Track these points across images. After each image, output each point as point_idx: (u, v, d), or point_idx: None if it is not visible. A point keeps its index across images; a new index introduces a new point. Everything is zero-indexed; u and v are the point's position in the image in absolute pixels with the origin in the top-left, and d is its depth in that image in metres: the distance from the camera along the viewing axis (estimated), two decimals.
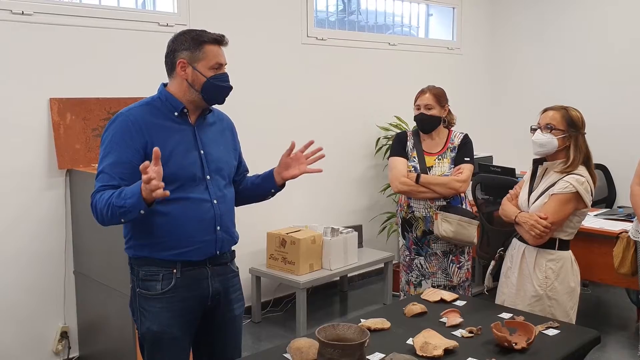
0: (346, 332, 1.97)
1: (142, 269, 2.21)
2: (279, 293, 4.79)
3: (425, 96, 3.36)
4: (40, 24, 3.44)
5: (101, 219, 2.11)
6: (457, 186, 3.30)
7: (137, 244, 2.21)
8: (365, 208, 5.35)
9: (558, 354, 2.18)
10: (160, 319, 2.19)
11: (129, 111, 2.19)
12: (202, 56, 2.18)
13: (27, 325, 3.53)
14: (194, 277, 2.23)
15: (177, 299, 2.20)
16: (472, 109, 6.01)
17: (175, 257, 2.18)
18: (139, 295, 2.22)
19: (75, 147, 3.57)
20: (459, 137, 3.41)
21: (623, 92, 5.47)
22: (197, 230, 2.20)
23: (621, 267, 3.60)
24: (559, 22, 5.91)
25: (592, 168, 2.80)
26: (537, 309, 2.74)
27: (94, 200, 2.11)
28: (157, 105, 2.22)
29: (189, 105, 2.23)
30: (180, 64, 2.18)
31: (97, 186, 2.12)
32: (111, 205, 2.03)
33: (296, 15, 4.71)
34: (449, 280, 3.40)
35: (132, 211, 2.01)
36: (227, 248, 2.33)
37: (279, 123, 4.60)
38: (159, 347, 2.22)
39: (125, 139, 2.13)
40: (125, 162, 2.11)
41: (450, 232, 3.25)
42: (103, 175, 2.12)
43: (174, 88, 2.23)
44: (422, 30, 6.04)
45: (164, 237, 2.17)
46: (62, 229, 3.61)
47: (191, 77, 2.19)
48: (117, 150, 2.12)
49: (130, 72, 3.82)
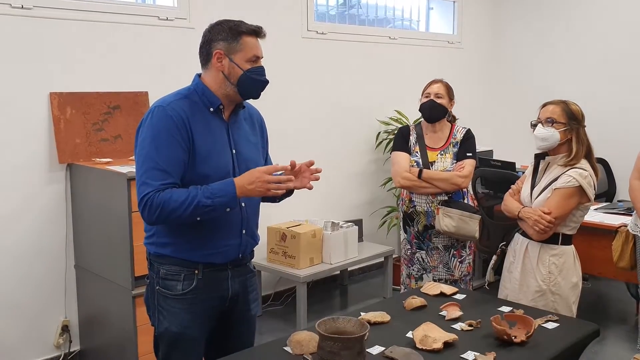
0: (346, 326, 1.97)
1: (162, 267, 2.16)
2: (280, 287, 4.80)
3: (437, 85, 3.38)
4: (40, 18, 3.43)
5: (166, 217, 2.01)
6: (459, 182, 3.30)
7: (160, 241, 2.16)
8: (366, 202, 5.35)
9: (557, 347, 2.18)
10: (180, 320, 2.16)
11: (169, 105, 2.08)
12: (239, 48, 2.09)
13: (28, 319, 3.54)
14: (215, 279, 2.19)
15: (198, 300, 2.16)
16: (472, 103, 6.01)
17: (199, 258, 2.14)
18: (158, 293, 2.18)
19: (76, 142, 3.57)
20: (461, 132, 3.41)
21: (624, 86, 5.46)
22: (224, 234, 2.16)
23: (620, 261, 3.61)
24: (559, 16, 5.90)
25: (594, 161, 2.80)
26: (541, 304, 2.74)
27: (158, 198, 1.99)
28: (195, 99, 2.13)
29: (224, 99, 2.15)
30: (217, 54, 2.10)
31: (157, 184, 2.00)
32: (198, 203, 1.97)
33: (296, 9, 4.70)
34: (450, 274, 3.40)
35: (218, 209, 2.01)
36: (249, 251, 2.30)
37: (279, 117, 4.58)
38: (176, 347, 2.19)
39: (173, 134, 2.03)
40: (178, 160, 2.03)
41: (452, 227, 3.25)
42: (158, 172, 2.01)
43: (210, 80, 2.14)
44: (423, 24, 6.02)
45: (189, 237, 2.12)
46: (63, 223, 3.61)
47: (227, 69, 2.10)
48: (167, 147, 2.02)
49: (131, 66, 3.82)
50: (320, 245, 4.36)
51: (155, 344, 2.26)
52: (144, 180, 2.03)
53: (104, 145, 3.66)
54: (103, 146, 3.66)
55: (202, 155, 2.07)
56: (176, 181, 2.04)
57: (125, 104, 3.75)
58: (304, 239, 4.22)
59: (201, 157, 2.06)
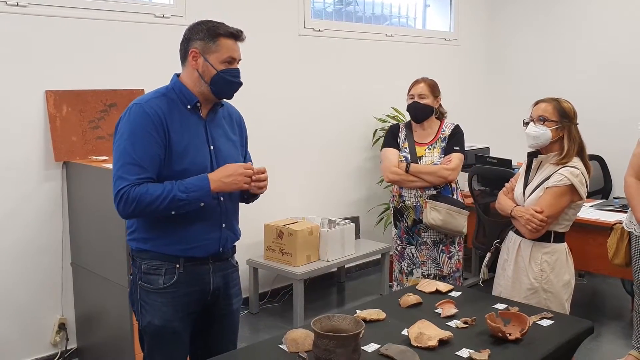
0: (341, 323, 1.98)
1: (144, 262, 2.20)
2: (277, 284, 4.81)
3: (419, 85, 3.43)
4: (36, 16, 3.43)
5: (141, 211, 2.06)
6: (445, 174, 3.34)
7: (142, 237, 2.20)
8: (363, 199, 5.36)
9: (552, 344, 2.19)
10: (162, 313, 2.19)
11: (147, 102, 2.13)
12: (215, 48, 2.15)
13: (25, 317, 3.54)
14: (196, 273, 2.22)
15: (179, 293, 2.20)
16: (469, 100, 6.02)
17: (179, 252, 2.18)
18: (141, 288, 2.22)
19: (72, 140, 3.57)
20: (449, 128, 3.47)
21: (619, 83, 5.47)
22: (203, 228, 2.20)
23: (615, 258, 3.61)
24: (556, 13, 5.90)
25: (587, 158, 2.80)
26: (533, 301, 2.75)
27: (134, 192, 2.03)
28: (172, 97, 2.18)
29: (201, 97, 2.20)
30: (192, 53, 2.16)
31: (132, 179, 2.05)
32: (173, 198, 2.04)
33: (293, 6, 4.70)
34: (439, 270, 3.44)
35: (192, 204, 2.08)
36: (230, 245, 2.33)
37: (275, 114, 4.60)
38: (160, 341, 2.22)
39: (149, 130, 2.08)
40: (154, 156, 2.08)
41: (439, 221, 3.30)
42: (134, 167, 2.06)
43: (186, 78, 2.20)
44: (420, 21, 6.03)
45: (169, 232, 2.16)
46: (59, 221, 3.61)
47: (202, 67, 2.15)
48: (143, 143, 2.07)
49: (127, 64, 3.81)
50: (317, 242, 4.37)
51: (141, 339, 2.31)
52: (120, 174, 2.08)
53: (100, 143, 3.66)
54: (99, 144, 3.66)
55: (179, 152, 2.11)
56: (152, 176, 2.09)
57: (121, 101, 3.74)
58: (301, 237, 4.23)
59: (178, 153, 2.10)
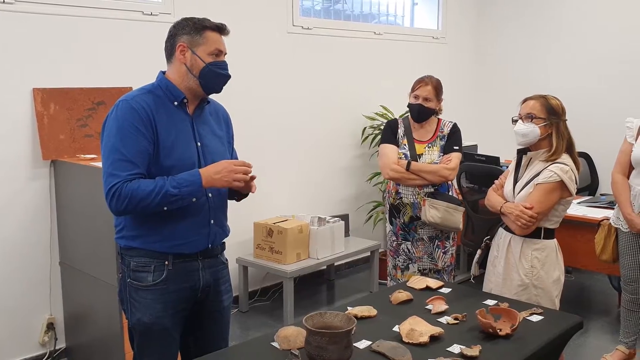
0: (333, 320, 1.99)
1: (133, 260, 2.20)
2: (267, 282, 4.80)
3: (427, 88, 3.40)
4: (23, 13, 3.39)
5: (134, 207, 2.05)
6: (446, 174, 3.37)
7: (130, 234, 2.20)
8: (352, 197, 5.37)
9: (542, 339, 2.21)
10: (151, 310, 2.19)
11: (133, 99, 2.14)
12: (202, 41, 2.16)
13: (13, 316, 3.51)
14: (185, 269, 2.22)
15: (168, 290, 2.20)
16: (457, 98, 6.03)
17: (168, 249, 2.18)
18: (130, 285, 2.21)
19: (60, 138, 3.54)
20: (448, 126, 3.49)
21: (607, 81, 5.51)
22: (192, 224, 2.20)
23: (603, 254, 3.65)
24: (544, 11, 5.94)
25: (576, 155, 2.82)
26: (524, 298, 2.76)
27: (126, 188, 2.03)
28: (159, 94, 2.19)
29: (188, 93, 2.21)
30: (180, 47, 2.17)
31: (124, 175, 2.04)
32: (166, 193, 2.04)
33: (281, 4, 4.69)
34: (434, 264, 3.47)
35: (184, 199, 2.08)
36: (219, 241, 2.33)
37: (264, 112, 4.59)
38: (149, 338, 2.22)
39: (138, 126, 2.08)
40: (143, 151, 2.08)
41: (438, 219, 3.32)
42: (125, 163, 2.06)
43: (173, 74, 2.21)
44: (408, 20, 6.04)
45: (157, 229, 2.16)
46: (47, 220, 3.59)
47: (190, 61, 2.17)
48: (132, 138, 2.07)
49: (115, 62, 3.79)
50: (307, 240, 4.37)
51: (131, 337, 2.30)
52: (110, 171, 2.07)
53: (88, 142, 3.64)
54: (87, 142, 3.63)
55: (167, 148, 2.12)
56: (143, 172, 2.09)
57: (109, 99, 3.72)
58: (291, 235, 4.23)
59: (165, 149, 2.11)
